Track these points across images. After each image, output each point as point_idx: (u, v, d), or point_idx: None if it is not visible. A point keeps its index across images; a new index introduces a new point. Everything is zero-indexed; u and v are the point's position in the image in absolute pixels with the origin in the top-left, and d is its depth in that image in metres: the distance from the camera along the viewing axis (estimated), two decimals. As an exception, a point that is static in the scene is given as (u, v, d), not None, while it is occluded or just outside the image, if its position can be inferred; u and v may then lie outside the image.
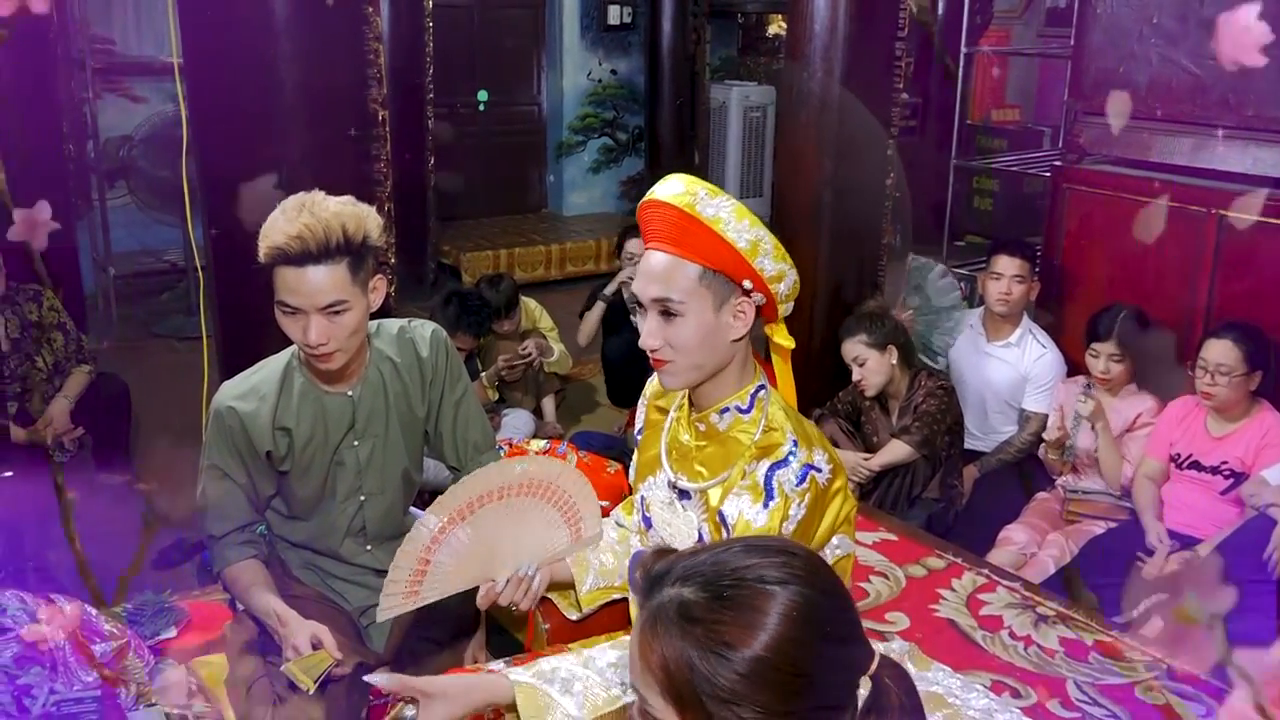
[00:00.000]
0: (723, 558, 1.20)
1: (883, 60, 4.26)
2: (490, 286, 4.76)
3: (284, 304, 2.16)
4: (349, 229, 2.13)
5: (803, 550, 1.24)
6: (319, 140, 2.98)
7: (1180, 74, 3.97)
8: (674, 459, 2.03)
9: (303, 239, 2.08)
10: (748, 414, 1.93)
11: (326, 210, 2.13)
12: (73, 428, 3.92)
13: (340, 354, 2.23)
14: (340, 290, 2.15)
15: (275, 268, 2.13)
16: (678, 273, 1.82)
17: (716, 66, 8.73)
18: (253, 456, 2.32)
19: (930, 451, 3.74)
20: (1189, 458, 3.43)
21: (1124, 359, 3.68)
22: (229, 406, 2.31)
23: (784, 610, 1.15)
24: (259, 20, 2.85)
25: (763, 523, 1.82)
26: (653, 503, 2.06)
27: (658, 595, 1.20)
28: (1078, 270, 4.33)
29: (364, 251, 2.18)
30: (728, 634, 1.14)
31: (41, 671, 2.27)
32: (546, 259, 7.63)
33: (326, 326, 2.16)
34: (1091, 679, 2.75)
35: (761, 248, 1.82)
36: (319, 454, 2.36)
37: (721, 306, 1.85)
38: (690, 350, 1.85)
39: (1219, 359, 3.28)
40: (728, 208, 1.81)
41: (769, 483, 1.84)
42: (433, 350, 2.45)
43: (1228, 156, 3.91)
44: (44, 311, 3.94)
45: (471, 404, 2.55)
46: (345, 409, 2.36)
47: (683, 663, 1.15)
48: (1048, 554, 3.55)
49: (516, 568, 2.12)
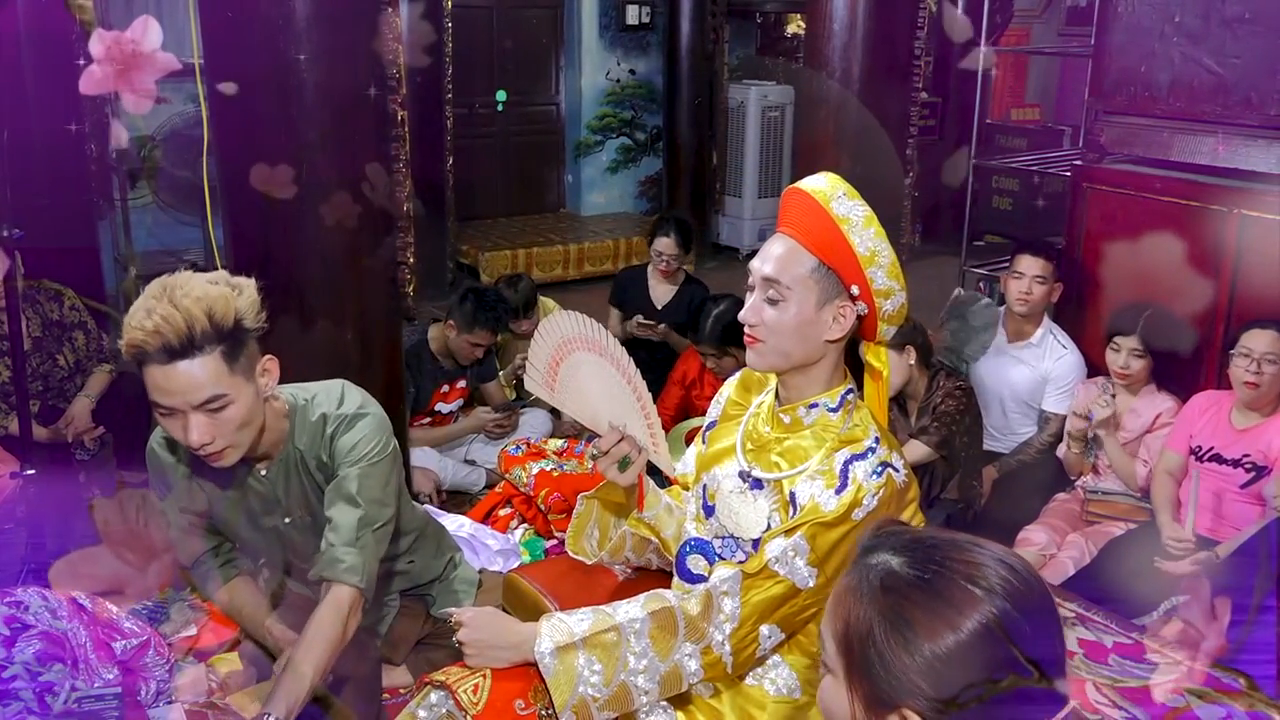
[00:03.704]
0: (945, 544, 1.18)
1: (902, 59, 4.24)
2: (509, 286, 4.78)
3: (157, 405, 1.96)
4: (216, 314, 1.93)
5: (1026, 569, 1.18)
6: (339, 141, 2.99)
7: (1201, 73, 3.94)
8: (750, 450, 2.03)
9: (160, 334, 1.88)
10: (835, 413, 1.94)
11: (188, 297, 1.92)
12: (94, 427, 3.94)
13: (231, 450, 2.04)
14: (216, 384, 1.95)
15: (141, 367, 1.94)
16: (794, 260, 1.87)
17: (735, 66, 8.72)
18: (176, 503, 2.23)
19: (949, 452, 3.72)
20: (1210, 450, 3.41)
21: (1145, 355, 3.65)
22: (151, 448, 2.22)
23: (981, 620, 1.11)
24: (279, 21, 2.86)
25: (832, 508, 1.82)
26: (719, 492, 2.05)
27: (871, 555, 1.19)
28: (1098, 270, 4.31)
29: (239, 336, 1.98)
30: (916, 618, 1.12)
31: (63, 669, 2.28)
32: (565, 259, 7.63)
33: (208, 424, 1.96)
34: (1111, 680, 2.74)
35: (879, 259, 1.85)
36: (246, 523, 2.27)
37: (825, 305, 1.88)
38: (783, 335, 1.89)
39: (1267, 348, 3.26)
40: (860, 212, 1.85)
41: (845, 471, 1.85)
42: (336, 443, 2.22)
43: (1249, 155, 3.88)
44: (65, 310, 3.97)
45: (349, 500, 2.19)
46: (266, 488, 2.25)
47: (864, 626, 1.14)
48: (1067, 555, 3.54)
49: (621, 423, 2.08)
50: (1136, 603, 3.20)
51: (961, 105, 8.06)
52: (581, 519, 2.28)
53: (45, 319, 3.91)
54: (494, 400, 4.56)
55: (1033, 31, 10.02)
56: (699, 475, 2.16)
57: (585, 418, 2.14)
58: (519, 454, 3.88)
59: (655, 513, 2.19)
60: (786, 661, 1.98)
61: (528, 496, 3.73)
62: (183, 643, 2.80)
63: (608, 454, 2.06)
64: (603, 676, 1.84)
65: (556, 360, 2.10)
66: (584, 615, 1.92)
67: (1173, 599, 3.15)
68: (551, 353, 2.11)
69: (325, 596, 2.13)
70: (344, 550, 2.14)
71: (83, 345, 4.00)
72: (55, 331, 3.93)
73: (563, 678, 1.82)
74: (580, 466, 3.80)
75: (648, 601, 1.93)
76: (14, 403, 3.35)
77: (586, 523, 2.28)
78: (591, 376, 2.09)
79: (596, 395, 2.10)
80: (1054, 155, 6.59)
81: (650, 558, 2.28)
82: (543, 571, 2.68)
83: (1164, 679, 2.76)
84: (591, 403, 2.12)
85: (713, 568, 2.01)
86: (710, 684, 1.98)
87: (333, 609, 2.11)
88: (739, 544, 1.98)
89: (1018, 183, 8.05)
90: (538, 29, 8.41)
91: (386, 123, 3.06)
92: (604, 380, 2.09)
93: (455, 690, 1.88)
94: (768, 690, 1.97)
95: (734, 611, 1.86)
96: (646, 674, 1.86)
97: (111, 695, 2.31)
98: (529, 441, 4.02)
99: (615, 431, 2.06)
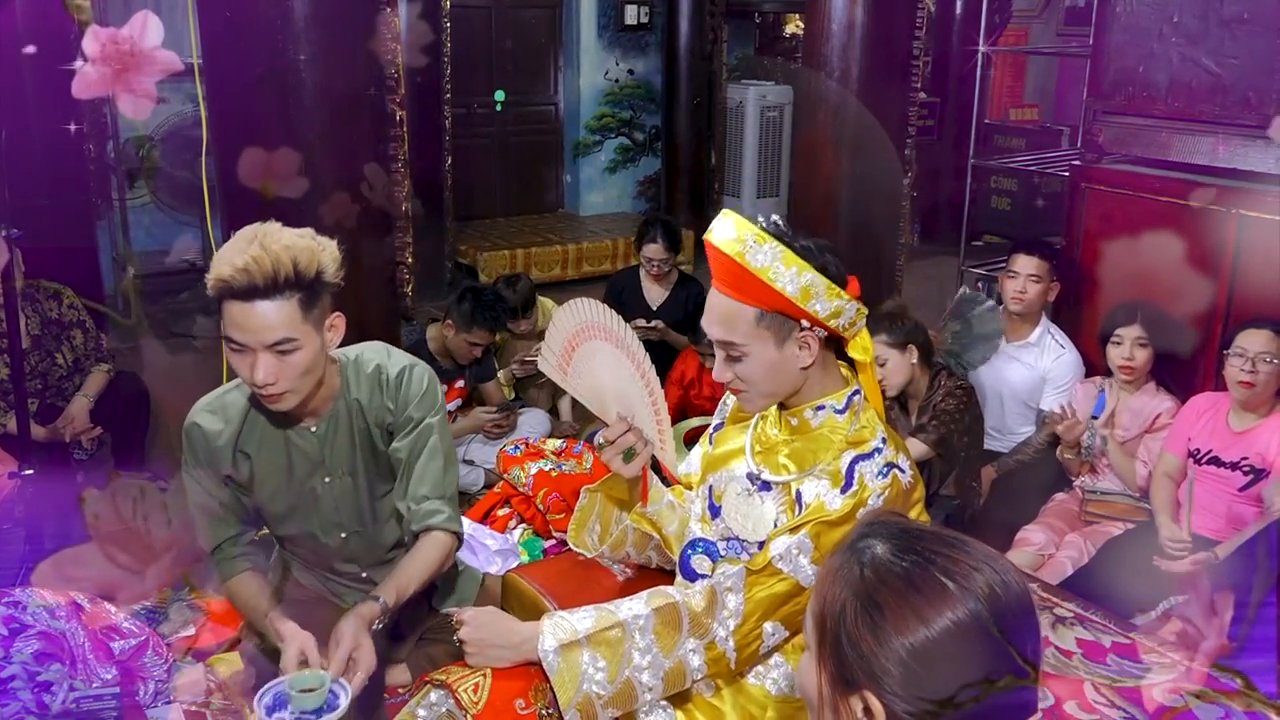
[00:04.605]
0: (933, 538, 1.19)
1: (900, 59, 4.24)
2: (508, 286, 4.78)
3: (231, 340, 2.06)
4: (300, 264, 2.04)
5: (1012, 575, 1.17)
6: (337, 141, 2.99)
7: (1200, 73, 3.95)
8: (757, 452, 2.04)
9: (249, 272, 1.99)
10: (842, 414, 1.95)
11: (278, 243, 2.04)
12: (91, 427, 3.94)
13: (291, 395, 2.13)
14: (290, 327, 2.05)
15: (222, 302, 2.04)
16: (737, 317, 1.87)
17: (734, 66, 8.72)
18: (216, 475, 2.27)
19: (947, 451, 3.72)
20: (1208, 453, 3.41)
21: (1149, 345, 3.64)
22: (194, 421, 2.26)
23: (952, 618, 1.11)
24: (278, 21, 2.87)
25: (837, 507, 1.82)
26: (726, 493, 2.06)
27: (861, 540, 1.20)
28: (1097, 270, 4.31)
29: (317, 288, 2.09)
30: (887, 605, 1.13)
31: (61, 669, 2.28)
32: (563, 259, 7.63)
33: (275, 365, 2.06)
34: (1109, 680, 2.74)
35: (813, 291, 1.84)
36: (284, 485, 2.31)
37: (784, 342, 1.88)
38: (758, 382, 1.91)
39: (1261, 348, 3.26)
40: (776, 255, 1.83)
41: (851, 471, 1.85)
42: (402, 392, 2.32)
43: (1248, 155, 3.88)
44: (64, 309, 3.97)
45: (432, 451, 2.35)
46: (311, 444, 2.30)
47: (837, 606, 1.16)
48: (1066, 555, 3.54)
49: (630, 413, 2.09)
50: (1135, 603, 3.20)
51: (960, 105, 8.07)
52: (584, 511, 2.27)
53: (44, 317, 3.91)
54: (492, 400, 4.56)
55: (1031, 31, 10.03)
56: (704, 476, 2.16)
57: (594, 405, 2.14)
58: (517, 454, 3.88)
59: (658, 508, 2.19)
60: (788, 660, 1.98)
61: (526, 496, 3.73)
62: (181, 643, 2.80)
63: (614, 444, 2.07)
64: (607, 674, 1.84)
65: (573, 345, 2.11)
66: (586, 613, 1.92)
67: (1171, 599, 3.15)
68: (569, 337, 2.12)
69: (424, 539, 2.29)
70: (438, 502, 2.31)
71: (81, 344, 4.00)
72: (54, 330, 3.93)
73: (567, 675, 1.83)
74: (579, 467, 3.80)
75: (651, 598, 1.93)
76: (12, 401, 3.35)
77: (589, 516, 2.28)
78: (605, 366, 2.10)
79: (608, 384, 2.11)
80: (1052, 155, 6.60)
81: (651, 555, 2.28)
82: (542, 571, 2.68)
83: (1162, 679, 2.76)
84: (602, 391, 2.12)
85: (716, 566, 2.02)
86: (711, 683, 1.98)
87: (436, 545, 2.29)
88: (744, 546, 1.98)
89: (1016, 182, 8.06)
90: (536, 29, 8.42)
91: (385, 123, 3.06)
92: (617, 371, 2.09)
93: (455, 689, 1.88)
94: (769, 689, 1.98)
95: (738, 607, 1.86)
96: (651, 670, 1.86)
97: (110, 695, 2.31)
98: (527, 441, 4.02)
99: (623, 422, 2.07)
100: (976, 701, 1.11)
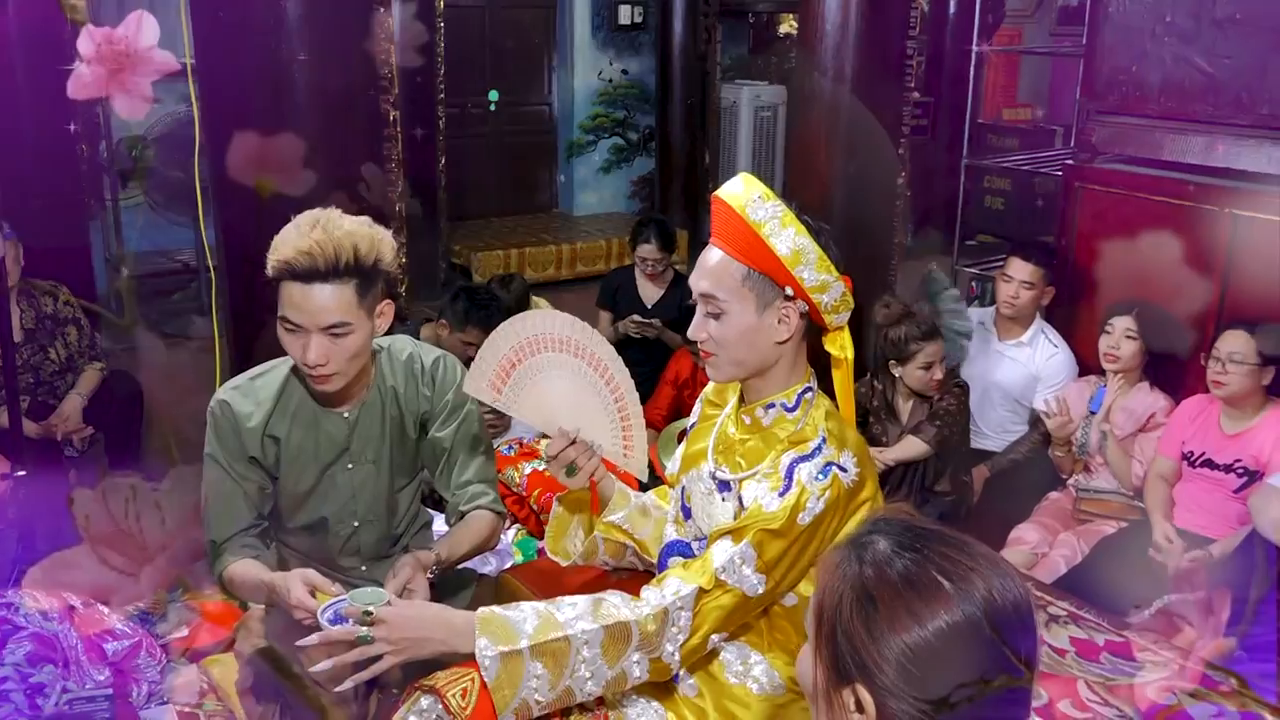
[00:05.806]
0: (937, 537, 1.19)
1: (894, 59, 4.24)
2: (502, 286, 4.77)
3: (286, 320, 2.12)
4: (361, 250, 2.10)
5: (1013, 581, 1.17)
6: (331, 141, 2.98)
7: (1193, 72, 3.95)
8: (719, 451, 2.04)
9: (312, 255, 2.05)
10: (792, 412, 1.95)
11: (340, 229, 2.09)
12: (83, 426, 3.94)
13: (339, 377, 2.18)
14: (345, 311, 2.11)
15: (281, 282, 2.10)
16: (725, 271, 1.88)
17: (727, 66, 8.73)
18: (242, 457, 2.29)
19: (945, 449, 3.73)
20: (1202, 456, 3.42)
21: (1138, 338, 3.65)
22: (223, 400, 2.29)
23: (948, 619, 1.11)
24: (270, 21, 2.86)
25: (774, 509, 1.82)
26: (694, 494, 2.07)
27: (867, 535, 1.21)
28: (1090, 269, 4.32)
29: (374, 274, 2.15)
30: (883, 600, 1.13)
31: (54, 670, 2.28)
32: (557, 259, 7.63)
33: (327, 347, 2.12)
34: (1103, 679, 2.74)
35: (804, 257, 1.85)
36: (308, 470, 2.32)
37: (765, 309, 1.89)
38: (731, 346, 1.91)
39: (1231, 348, 3.28)
40: (777, 213, 1.85)
41: (790, 472, 1.85)
42: (439, 380, 2.38)
43: (1241, 155, 3.89)
44: (59, 305, 3.98)
45: (475, 439, 2.44)
46: (341, 430, 2.32)
47: (835, 598, 1.17)
48: (1059, 553, 3.54)
49: (574, 428, 2.10)
50: (1128, 601, 3.21)
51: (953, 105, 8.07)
52: (559, 520, 2.29)
53: (39, 311, 3.93)
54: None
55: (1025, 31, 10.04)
56: (678, 477, 2.17)
57: (537, 421, 2.15)
58: (511, 454, 3.88)
59: (625, 514, 2.20)
60: (768, 660, 1.98)
61: (520, 497, 3.72)
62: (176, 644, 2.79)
63: (555, 459, 2.09)
64: (549, 682, 1.81)
65: (513, 362, 2.10)
66: (525, 613, 1.85)
67: (1165, 597, 3.16)
68: (507, 354, 2.10)
69: (473, 515, 2.39)
70: (483, 485, 2.42)
71: (75, 341, 4.00)
72: (49, 325, 3.94)
73: (506, 681, 1.79)
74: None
75: (599, 612, 1.86)
76: (4, 397, 3.34)
77: (566, 524, 2.29)
78: (558, 378, 2.10)
79: (560, 397, 2.11)
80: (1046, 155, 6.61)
81: (633, 561, 2.28)
82: (536, 572, 2.68)
83: (1155, 677, 2.76)
84: (551, 406, 2.12)
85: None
86: (695, 685, 2.00)
87: (485, 521, 2.39)
88: None
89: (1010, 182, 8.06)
90: (530, 29, 8.41)
91: (379, 123, 3.05)
92: (574, 382, 2.09)
93: (444, 695, 1.86)
94: (751, 689, 1.98)
95: (686, 624, 1.86)
96: (594, 679, 1.84)
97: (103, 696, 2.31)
98: (521, 442, 4.02)
99: (563, 437, 2.08)
100: (969, 703, 1.11)
